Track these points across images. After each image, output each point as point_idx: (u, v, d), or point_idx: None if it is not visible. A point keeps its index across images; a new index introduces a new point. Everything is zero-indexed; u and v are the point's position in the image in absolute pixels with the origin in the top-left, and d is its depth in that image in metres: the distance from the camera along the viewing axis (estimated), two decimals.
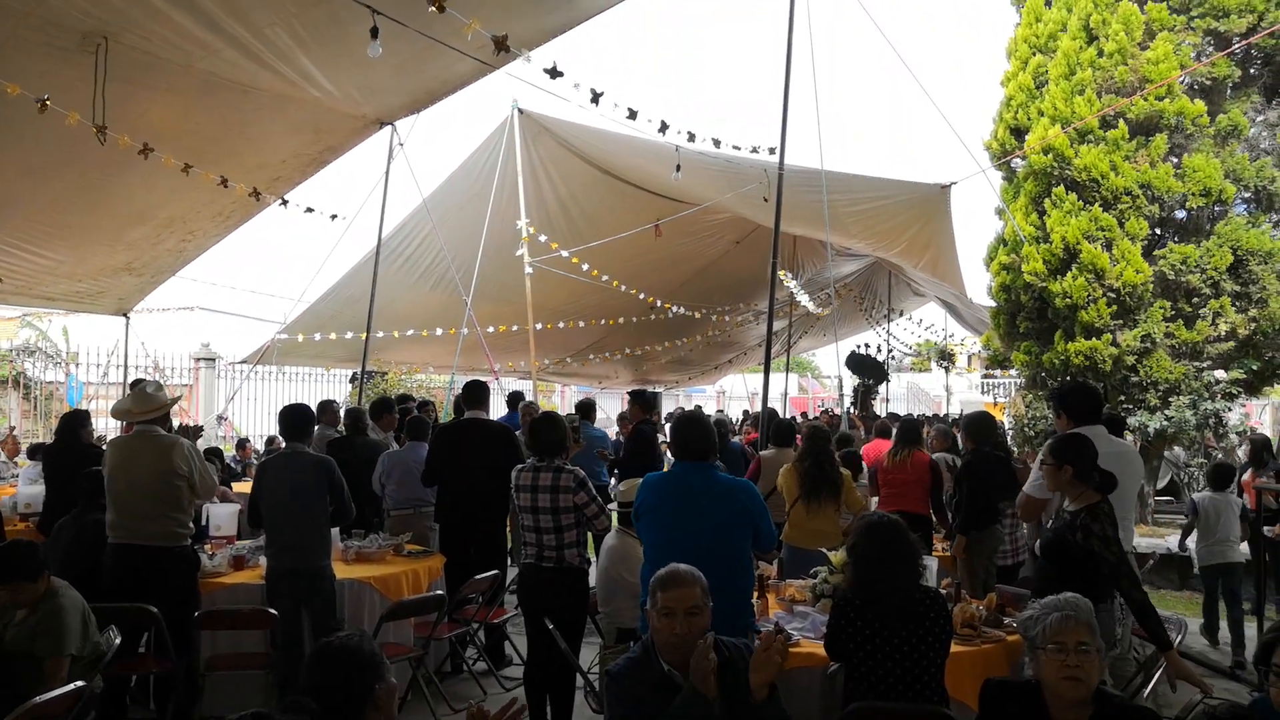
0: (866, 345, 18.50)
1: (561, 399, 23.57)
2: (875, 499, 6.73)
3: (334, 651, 2.17)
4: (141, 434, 4.92)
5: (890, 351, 19.03)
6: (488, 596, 5.51)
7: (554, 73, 5.81)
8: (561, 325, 14.77)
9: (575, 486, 4.47)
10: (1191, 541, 7.41)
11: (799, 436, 6.57)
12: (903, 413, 22.60)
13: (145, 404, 4.99)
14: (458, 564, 5.81)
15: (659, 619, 2.90)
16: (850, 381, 17.79)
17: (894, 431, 7.15)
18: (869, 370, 17.11)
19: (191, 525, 4.89)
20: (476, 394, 6.24)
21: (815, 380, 33.54)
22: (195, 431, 5.95)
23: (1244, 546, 7.27)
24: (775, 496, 6.30)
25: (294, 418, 4.99)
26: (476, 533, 5.83)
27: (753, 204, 10.15)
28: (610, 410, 22.22)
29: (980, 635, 4.08)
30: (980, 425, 6.16)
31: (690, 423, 3.91)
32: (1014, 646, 4.00)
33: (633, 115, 6.80)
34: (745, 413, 18.06)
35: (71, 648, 3.75)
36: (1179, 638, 4.51)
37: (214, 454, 7.66)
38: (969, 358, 20.89)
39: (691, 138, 7.95)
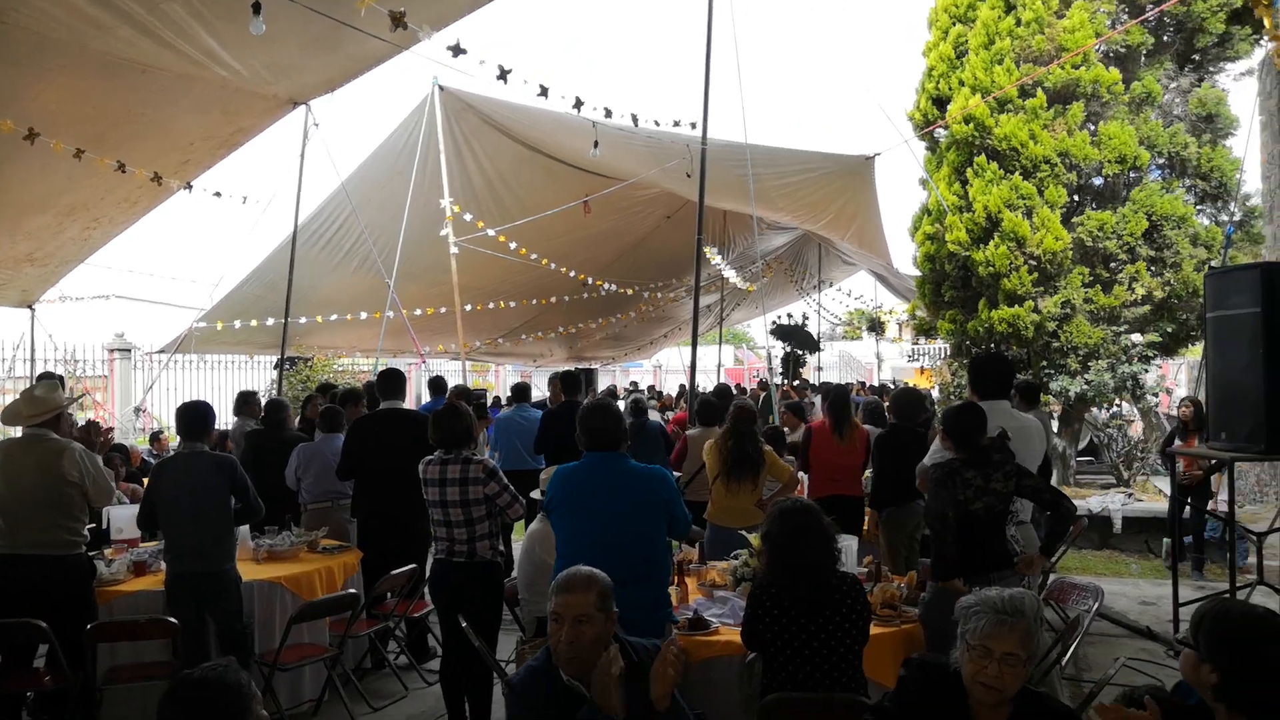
0: (798, 315, 18.55)
1: (496, 378, 23.32)
2: (804, 475, 6.64)
3: (192, 686, 2.00)
4: (29, 438, 4.66)
5: (808, 320, 19.12)
6: (406, 590, 5.37)
7: (457, 50, 5.61)
8: (491, 306, 14.56)
9: (485, 477, 4.33)
10: None
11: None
12: (836, 381, 22.86)
13: (35, 406, 4.72)
14: (377, 558, 5.65)
15: (550, 623, 2.79)
16: (779, 353, 17.84)
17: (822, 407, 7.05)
18: (798, 339, 17.17)
19: (86, 533, 4.66)
20: (392, 383, 6.06)
21: (750, 351, 33.68)
22: (103, 433, 5.64)
23: None
24: (703, 475, 6.24)
25: (191, 416, 4.75)
26: (395, 526, 5.66)
27: (680, 180, 10.05)
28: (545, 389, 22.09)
29: (901, 615, 4.06)
30: (907, 403, 6.13)
31: (596, 412, 3.79)
32: None
33: (544, 92, 6.63)
34: (681, 387, 18.02)
35: None
36: (1095, 605, 4.56)
37: (118, 450, 7.34)
38: (899, 326, 21.13)
39: (608, 114, 7.79)
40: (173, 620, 4.25)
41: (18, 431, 4.99)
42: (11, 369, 11.01)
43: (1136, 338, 9.71)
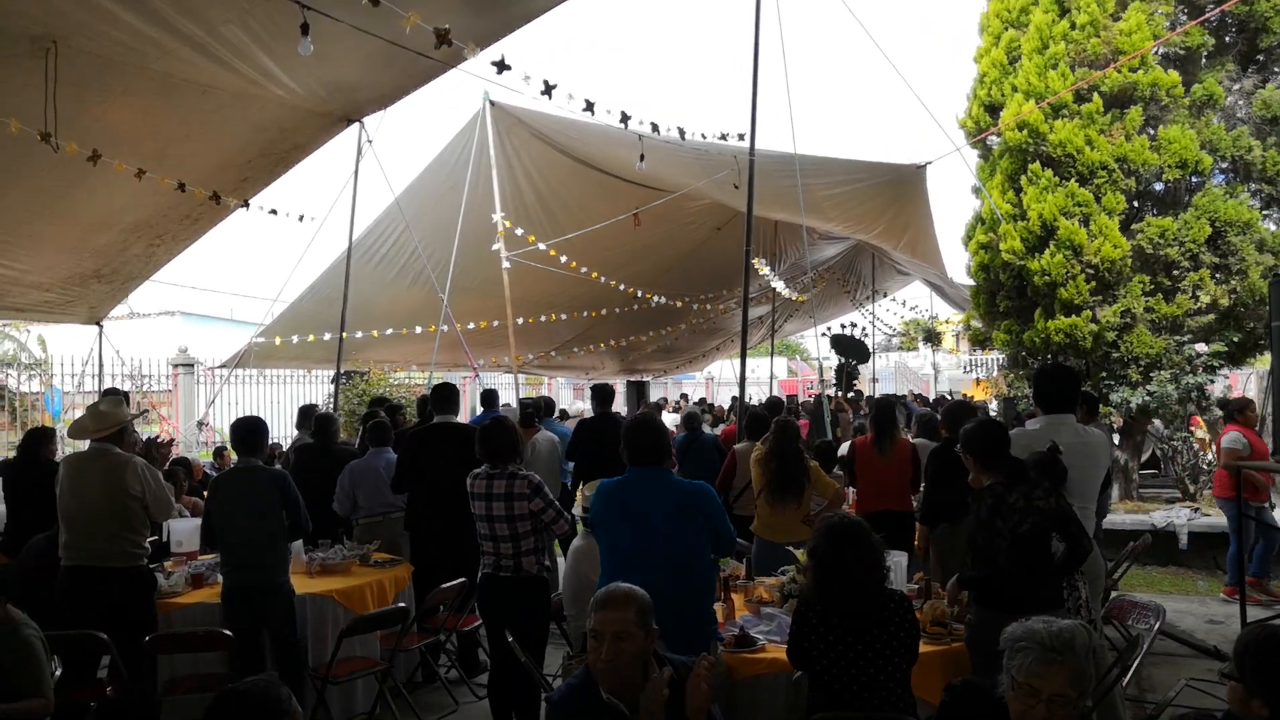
0: (852, 325, 18.38)
1: (550, 390, 23.46)
2: (852, 489, 6.60)
3: (236, 698, 2.05)
4: (94, 452, 4.82)
5: (865, 331, 18.91)
6: (456, 604, 5.41)
7: (501, 65, 5.67)
8: (543, 319, 14.65)
9: (530, 493, 4.36)
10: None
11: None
12: (892, 392, 22.58)
13: (100, 421, 4.88)
14: (429, 571, 5.72)
15: (589, 641, 2.76)
16: (833, 363, 17.69)
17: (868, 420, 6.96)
18: (851, 350, 17.01)
19: (148, 545, 4.79)
20: (445, 397, 6.13)
21: (805, 363, 33.43)
22: (162, 447, 5.82)
23: None
24: (751, 489, 6.20)
25: (246, 431, 4.87)
26: (447, 539, 5.72)
27: (729, 191, 10.03)
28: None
29: (951, 633, 3.99)
30: (959, 417, 6.00)
31: (640, 427, 3.80)
32: None
33: (589, 107, 6.67)
34: (733, 399, 17.95)
35: (50, 686, 3.65)
36: (1156, 624, 4.43)
37: (180, 464, 7.53)
38: (956, 337, 20.82)
39: (655, 128, 7.81)
40: (227, 632, 4.34)
41: (84, 446, 5.16)
42: (81, 384, 11.36)
43: (1201, 347, 9.43)
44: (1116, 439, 10.33)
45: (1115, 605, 4.83)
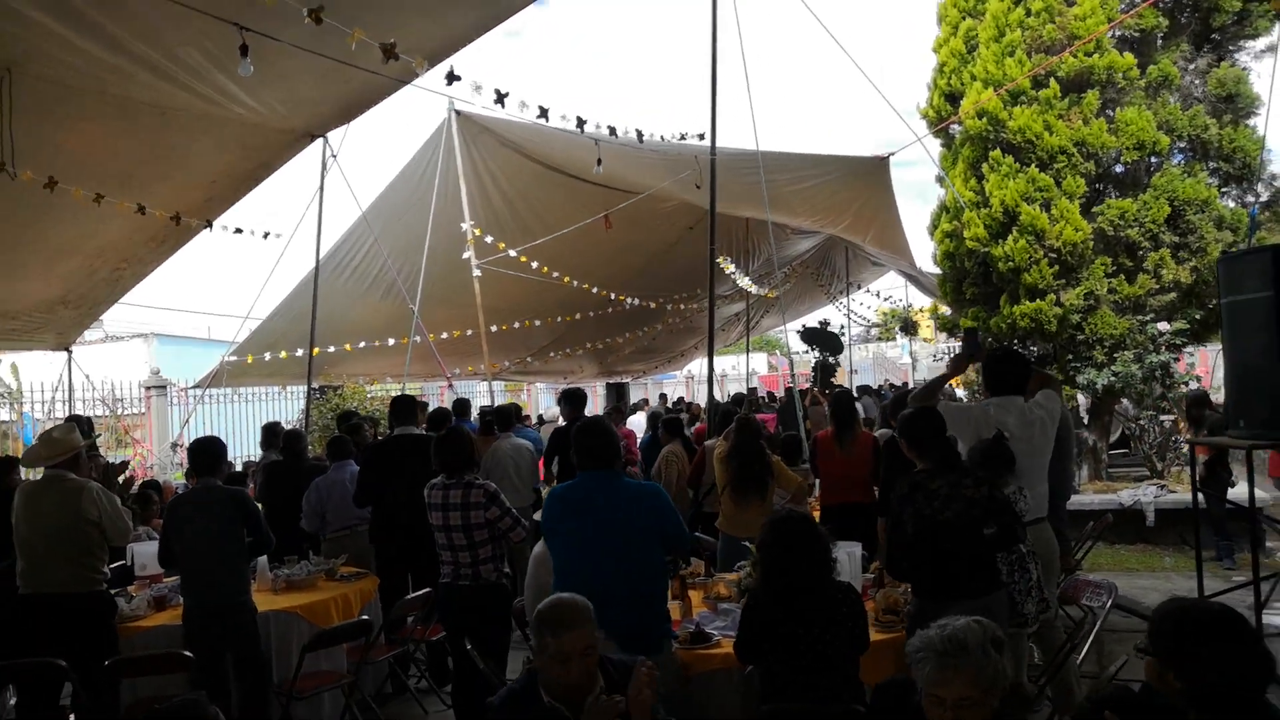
0: (826, 322, 18.43)
1: (528, 397, 23.46)
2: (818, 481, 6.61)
3: (164, 718, 2.06)
4: (49, 478, 4.81)
5: (840, 327, 18.96)
6: (423, 614, 5.42)
7: (451, 77, 5.69)
8: (518, 325, 14.63)
9: (486, 502, 4.38)
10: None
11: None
12: (873, 384, 22.66)
13: (53, 448, 4.87)
14: (395, 583, 5.72)
15: (554, 664, 2.71)
16: (809, 358, 17.74)
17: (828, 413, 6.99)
18: (823, 342, 17.06)
19: (107, 570, 4.78)
20: (403, 409, 6.15)
21: (785, 358, 33.52)
22: (116, 470, 5.81)
23: None
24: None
25: (200, 452, 4.87)
26: (411, 550, 5.72)
27: (693, 191, 10.06)
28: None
29: (903, 621, 4.03)
30: (900, 407, 6.03)
31: (588, 431, 3.81)
32: None
33: (544, 114, 6.69)
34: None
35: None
36: (1109, 600, 4.48)
37: (152, 486, 7.50)
38: (931, 325, 20.93)
39: (612, 131, 7.83)
40: (187, 654, 4.34)
41: (38, 474, 5.14)
42: (51, 410, 11.31)
43: (1164, 326, 9.51)
44: (1086, 419, 10.41)
45: (1070, 585, 4.87)
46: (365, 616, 5.11)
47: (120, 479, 6.58)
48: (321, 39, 5.92)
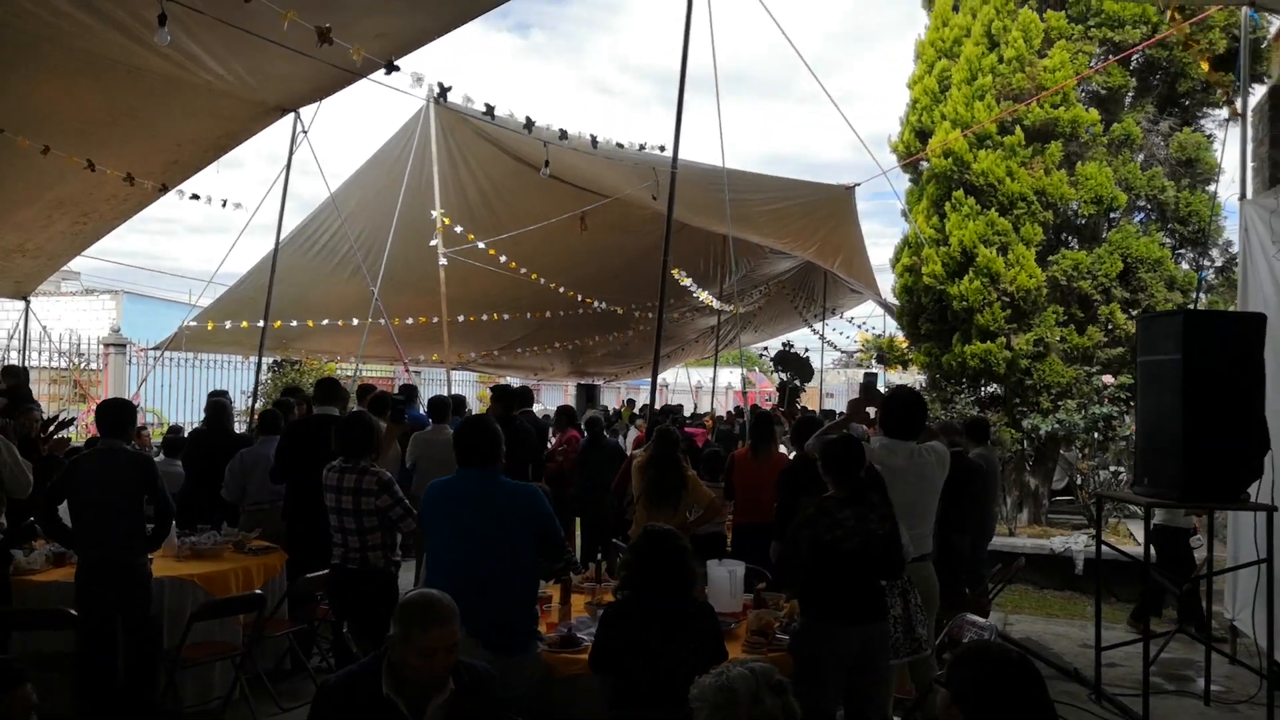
0: (804, 342, 18.55)
1: None
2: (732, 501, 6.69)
3: None
4: None
5: (806, 350, 19.07)
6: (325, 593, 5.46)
7: (390, 67, 5.75)
8: (485, 318, 14.66)
9: (378, 490, 4.45)
10: None
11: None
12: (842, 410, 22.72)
13: None
14: (304, 560, 5.75)
15: (415, 656, 2.70)
16: (776, 378, 17.85)
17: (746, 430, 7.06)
18: (795, 367, 17.17)
19: (3, 520, 4.82)
20: (327, 390, 6.20)
21: (764, 374, 33.63)
22: (46, 424, 5.84)
23: None
24: None
25: (110, 413, 4.90)
26: (320, 530, 5.75)
27: (661, 202, 10.10)
28: (550, 402, 22.21)
29: (771, 643, 4.12)
30: (806, 432, 6.00)
31: (471, 428, 3.89)
32: None
33: (489, 111, 6.76)
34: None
35: None
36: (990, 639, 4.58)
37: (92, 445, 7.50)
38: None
39: (563, 134, 7.90)
40: (72, 611, 4.38)
41: None
42: (5, 359, 11.28)
43: (1107, 379, 9.67)
44: (1030, 464, 10.55)
45: (955, 624, 4.97)
46: (260, 591, 5.15)
47: (55, 436, 6.57)
48: (255, 16, 5.90)
